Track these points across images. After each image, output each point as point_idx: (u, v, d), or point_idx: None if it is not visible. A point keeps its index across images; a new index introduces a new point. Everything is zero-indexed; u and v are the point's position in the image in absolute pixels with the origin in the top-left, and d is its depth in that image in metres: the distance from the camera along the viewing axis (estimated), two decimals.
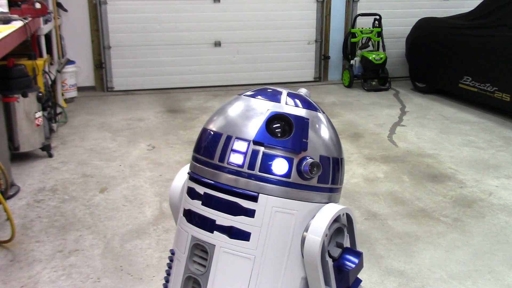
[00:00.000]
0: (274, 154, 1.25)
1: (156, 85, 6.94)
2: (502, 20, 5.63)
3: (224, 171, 1.26)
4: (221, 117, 1.33)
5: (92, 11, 6.58)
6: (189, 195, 1.34)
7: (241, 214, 1.26)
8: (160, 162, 4.25)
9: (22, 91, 3.99)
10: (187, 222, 1.33)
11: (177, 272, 1.35)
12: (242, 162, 1.25)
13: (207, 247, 1.29)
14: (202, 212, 1.29)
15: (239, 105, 1.34)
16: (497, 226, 3.20)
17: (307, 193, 1.29)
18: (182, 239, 1.34)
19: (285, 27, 7.20)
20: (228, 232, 1.26)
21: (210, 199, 1.28)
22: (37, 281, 2.60)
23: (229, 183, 1.26)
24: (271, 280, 1.29)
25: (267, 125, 1.27)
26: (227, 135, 1.28)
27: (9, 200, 3.44)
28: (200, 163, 1.32)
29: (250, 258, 1.27)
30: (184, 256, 1.33)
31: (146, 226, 3.17)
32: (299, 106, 1.34)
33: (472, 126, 5.33)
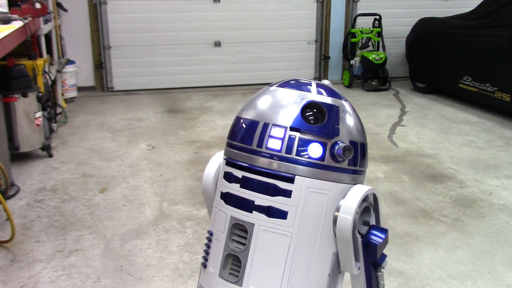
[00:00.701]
0: (309, 139, 1.37)
1: (156, 85, 6.94)
2: (502, 20, 5.63)
3: (262, 156, 1.38)
4: (255, 107, 1.47)
5: (92, 11, 6.58)
6: (226, 179, 1.44)
7: (278, 195, 1.37)
8: (160, 162, 4.26)
9: (22, 91, 3.99)
10: (226, 204, 1.44)
11: (216, 251, 1.46)
12: (279, 147, 1.36)
13: (247, 226, 1.40)
14: (241, 194, 1.40)
15: (272, 95, 1.47)
16: (497, 226, 3.20)
17: (338, 175, 1.41)
18: (221, 220, 1.46)
19: (285, 27, 7.20)
20: (266, 212, 1.37)
21: (249, 181, 1.39)
22: (37, 281, 2.60)
23: (268, 167, 1.37)
24: (306, 254, 1.41)
25: (302, 113, 1.39)
26: (264, 123, 1.40)
27: (9, 200, 3.44)
28: (237, 149, 1.43)
29: (287, 235, 1.39)
30: (223, 235, 1.44)
31: (146, 226, 3.17)
32: (327, 95, 1.47)
33: (472, 126, 5.33)
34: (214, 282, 1.46)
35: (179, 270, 2.70)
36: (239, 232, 1.42)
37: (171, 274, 2.66)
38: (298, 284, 1.41)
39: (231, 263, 1.44)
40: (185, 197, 3.60)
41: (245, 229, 1.40)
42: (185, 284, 2.58)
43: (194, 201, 3.53)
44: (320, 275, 1.44)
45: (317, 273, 1.43)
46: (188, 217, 3.30)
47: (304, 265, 1.42)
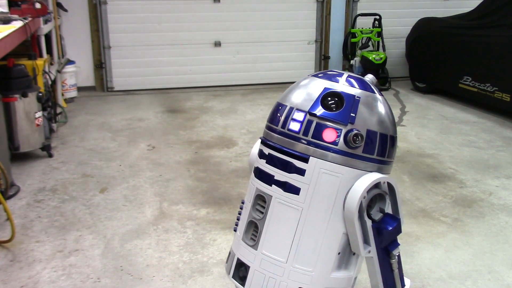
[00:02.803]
0: (325, 124, 1.50)
1: (156, 85, 6.94)
2: (502, 20, 5.63)
3: (283, 136, 1.54)
4: (289, 92, 1.63)
5: (92, 11, 6.58)
6: (259, 155, 1.64)
7: (294, 172, 1.52)
8: (160, 162, 4.25)
9: (22, 91, 3.99)
10: (255, 177, 1.64)
11: (243, 218, 1.67)
12: (298, 129, 1.52)
13: (266, 197, 1.57)
14: (265, 169, 1.58)
15: (304, 83, 1.62)
16: (497, 226, 3.20)
17: (352, 160, 1.52)
18: (250, 191, 1.65)
19: (285, 27, 7.20)
20: (283, 186, 1.54)
21: (272, 158, 1.56)
22: (37, 281, 2.60)
23: (286, 146, 1.53)
24: (315, 229, 1.54)
25: (323, 100, 1.52)
26: (289, 107, 1.56)
27: (9, 200, 3.44)
28: (267, 129, 1.62)
29: (298, 210, 1.53)
30: (249, 204, 1.64)
31: (146, 226, 3.17)
32: (355, 87, 1.58)
33: (472, 126, 5.33)
34: (238, 244, 1.66)
35: (179, 270, 2.70)
36: (260, 202, 1.61)
37: (171, 274, 2.66)
38: (305, 255, 1.55)
39: (252, 229, 1.63)
40: (185, 197, 3.60)
41: (265, 200, 1.58)
42: (185, 284, 2.58)
43: (194, 201, 3.53)
44: (329, 251, 1.57)
45: (325, 248, 1.55)
46: (188, 217, 3.30)
47: (312, 239, 1.54)
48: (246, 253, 1.62)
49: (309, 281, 1.55)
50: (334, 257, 1.58)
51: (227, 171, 4.06)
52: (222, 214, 3.33)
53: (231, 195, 3.63)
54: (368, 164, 1.55)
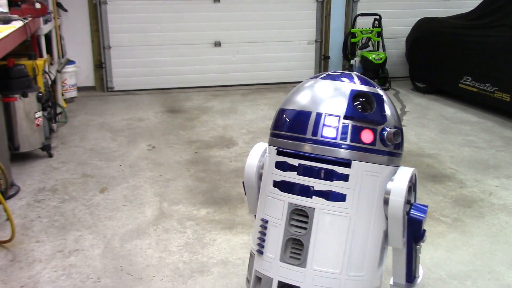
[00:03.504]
0: (361, 126, 1.48)
1: (156, 85, 6.94)
2: (502, 20, 5.63)
3: (318, 144, 1.48)
4: (303, 98, 1.56)
5: (92, 11, 6.58)
6: (279, 168, 1.54)
7: (336, 179, 1.48)
8: (160, 162, 4.25)
9: (22, 91, 3.99)
10: (282, 192, 1.54)
11: (274, 237, 1.55)
12: (335, 135, 1.47)
13: (308, 211, 1.49)
14: (299, 181, 1.50)
15: (318, 87, 1.57)
16: (497, 226, 3.20)
17: (387, 158, 1.53)
18: (277, 207, 1.55)
19: (285, 27, 7.20)
20: (326, 196, 1.48)
21: (306, 169, 1.49)
22: (37, 281, 2.60)
23: (325, 154, 1.48)
24: (363, 233, 1.51)
25: (354, 102, 1.51)
26: (316, 113, 1.50)
27: (9, 200, 3.44)
28: (289, 139, 1.53)
29: (346, 216, 1.49)
30: (282, 221, 1.53)
31: (146, 226, 3.17)
32: (372, 86, 1.59)
33: (472, 126, 5.33)
34: (274, 266, 1.53)
35: (179, 270, 2.70)
36: (299, 217, 1.52)
37: (171, 274, 2.66)
38: (356, 260, 1.51)
39: (291, 247, 1.53)
40: (185, 197, 3.60)
41: (306, 214, 1.50)
42: (185, 284, 2.58)
43: (194, 201, 3.53)
44: (375, 252, 1.56)
45: (371, 249, 1.55)
46: (188, 217, 3.30)
47: (361, 243, 1.52)
48: (291, 273, 1.51)
49: (362, 285, 1.53)
50: (378, 256, 1.58)
51: (227, 171, 4.06)
52: (222, 214, 3.33)
53: (231, 195, 3.63)
54: (398, 159, 1.59)
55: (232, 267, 2.73)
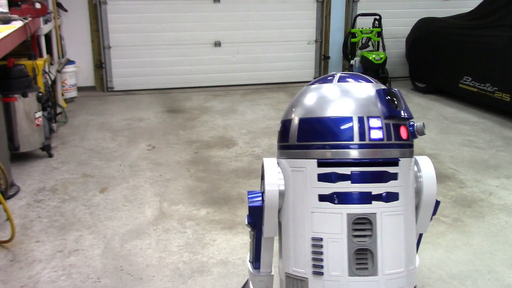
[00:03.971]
0: (398, 123, 1.50)
1: (156, 85, 6.94)
2: (502, 20, 5.63)
3: (368, 148, 1.46)
4: (331, 103, 1.50)
5: (92, 11, 6.58)
6: (326, 180, 1.47)
7: (390, 179, 1.47)
8: (160, 162, 4.25)
9: (22, 91, 3.99)
10: (336, 204, 1.47)
11: (336, 252, 1.47)
12: (382, 135, 1.46)
13: (370, 217, 1.46)
14: (356, 189, 1.45)
15: (341, 90, 1.53)
16: (497, 226, 3.20)
17: (412, 150, 1.58)
18: (333, 222, 1.47)
19: (285, 27, 7.20)
20: (385, 198, 1.46)
21: (361, 175, 1.45)
22: (37, 281, 2.60)
23: (377, 156, 1.46)
24: (412, 227, 1.54)
25: (388, 101, 1.52)
26: (358, 117, 1.46)
27: (9, 200, 3.44)
28: (333, 148, 1.47)
29: (402, 214, 1.50)
30: (342, 235, 1.46)
31: (146, 226, 3.17)
32: (380, 83, 1.59)
33: (472, 126, 5.33)
34: (344, 283, 1.46)
35: (179, 270, 2.70)
36: (361, 226, 1.46)
37: (171, 274, 2.66)
38: (411, 253, 1.54)
39: (355, 258, 1.47)
40: (185, 197, 3.60)
41: (368, 221, 1.46)
42: (185, 284, 2.58)
43: (194, 201, 3.53)
44: (414, 241, 1.59)
45: (413, 239, 1.58)
46: (188, 217, 3.30)
47: (412, 236, 1.55)
48: (364, 285, 1.47)
49: (415, 276, 1.57)
50: (415, 243, 1.62)
51: (227, 171, 4.06)
52: (222, 214, 3.33)
53: (231, 195, 3.63)
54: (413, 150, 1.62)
55: (232, 267, 2.73)
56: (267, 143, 4.73)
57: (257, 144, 4.70)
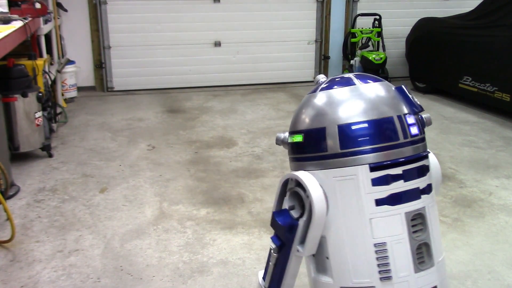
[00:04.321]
0: (420, 117, 1.57)
1: (156, 85, 6.94)
2: (502, 20, 5.63)
3: (411, 144, 1.50)
4: (364, 106, 1.49)
5: (92, 11, 6.58)
6: (381, 183, 1.46)
7: (427, 172, 1.53)
8: (160, 162, 4.25)
9: (22, 91, 3.99)
10: (393, 206, 1.47)
11: (401, 253, 1.48)
12: (418, 131, 1.53)
13: (422, 211, 1.50)
14: (408, 187, 1.47)
15: (367, 91, 1.53)
16: (497, 226, 3.20)
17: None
18: (394, 223, 1.48)
19: (285, 27, 7.20)
20: (428, 190, 1.52)
21: (410, 172, 1.48)
22: (37, 281, 2.60)
23: (418, 151, 1.52)
24: (437, 214, 1.59)
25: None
26: (397, 115, 1.49)
27: (9, 200, 3.44)
28: (381, 150, 1.46)
29: (435, 204, 1.55)
30: (404, 234, 1.48)
31: (146, 226, 3.17)
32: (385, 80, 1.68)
33: (472, 126, 5.33)
34: (412, 281, 1.49)
35: (179, 270, 2.70)
36: (417, 222, 1.50)
37: (171, 274, 2.66)
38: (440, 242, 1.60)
39: (419, 252, 1.51)
40: (185, 197, 3.60)
41: (421, 215, 1.50)
42: (185, 284, 2.58)
43: (194, 201, 3.53)
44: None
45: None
46: (188, 217, 3.30)
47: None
48: (428, 279, 1.51)
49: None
50: None
51: (227, 171, 4.06)
52: (222, 214, 3.33)
53: (231, 195, 3.63)
54: None
55: (232, 267, 2.73)
56: (267, 143, 4.73)
57: (257, 144, 4.70)
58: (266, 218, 3.27)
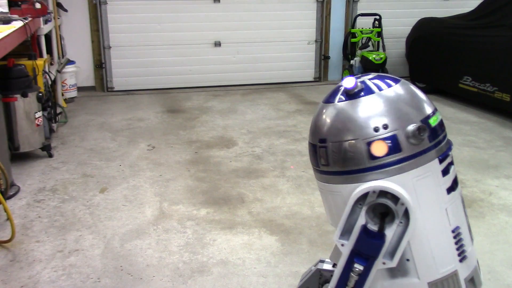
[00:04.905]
0: None
1: (156, 85, 6.94)
2: (502, 20, 5.63)
3: (445, 137, 1.58)
4: (419, 104, 1.56)
5: (92, 11, 6.58)
6: (446, 173, 1.54)
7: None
8: (160, 162, 4.25)
9: (22, 91, 3.99)
10: (456, 190, 1.57)
11: (465, 229, 1.63)
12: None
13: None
14: (454, 173, 1.58)
15: (406, 89, 1.60)
16: (497, 226, 3.20)
17: None
18: (459, 208, 1.59)
19: (285, 27, 7.20)
20: (456, 177, 1.60)
21: (450, 163, 1.57)
22: (37, 281, 2.60)
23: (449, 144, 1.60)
24: None
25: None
26: (432, 111, 1.55)
27: (9, 200, 3.44)
28: (439, 144, 1.55)
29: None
30: (463, 215, 1.62)
31: (146, 226, 3.17)
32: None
33: (472, 126, 5.33)
34: (472, 254, 1.65)
35: (179, 270, 2.70)
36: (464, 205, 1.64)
37: (171, 274, 2.66)
38: None
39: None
40: (185, 197, 3.60)
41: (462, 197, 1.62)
42: (185, 284, 2.58)
43: (194, 201, 3.53)
44: None
45: None
46: (188, 217, 3.30)
47: None
48: (474, 250, 1.67)
49: None
50: None
51: (227, 171, 4.06)
52: (222, 214, 3.33)
53: (231, 195, 3.63)
54: None
55: (232, 267, 2.73)
56: (267, 143, 4.73)
57: (257, 144, 4.70)
58: (266, 218, 3.28)
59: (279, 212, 3.37)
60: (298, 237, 3.04)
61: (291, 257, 2.83)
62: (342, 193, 1.50)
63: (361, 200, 1.47)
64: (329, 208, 1.59)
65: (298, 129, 5.15)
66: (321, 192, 1.61)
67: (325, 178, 1.53)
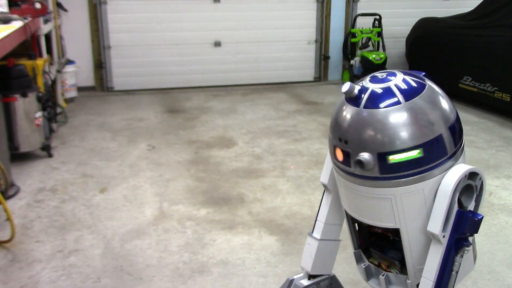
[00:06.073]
0: None
1: (156, 85, 6.94)
2: (502, 20, 5.63)
3: None
4: (447, 100, 1.81)
5: (92, 11, 6.58)
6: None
7: None
8: (160, 162, 4.25)
9: (22, 91, 3.99)
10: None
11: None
12: None
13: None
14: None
15: (435, 89, 1.80)
16: (497, 226, 3.20)
17: None
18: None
19: (285, 27, 7.20)
20: None
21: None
22: (37, 281, 2.60)
23: None
24: None
25: None
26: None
27: (9, 200, 3.44)
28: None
29: None
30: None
31: (146, 226, 3.17)
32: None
33: (472, 126, 5.33)
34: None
35: (179, 270, 2.70)
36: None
37: (171, 274, 2.66)
38: None
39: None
40: (185, 197, 3.60)
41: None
42: (185, 284, 2.58)
43: (194, 201, 3.53)
44: None
45: None
46: (188, 217, 3.30)
47: None
48: None
49: None
50: None
51: (227, 171, 4.06)
52: (222, 214, 3.33)
53: (231, 195, 3.63)
54: None
55: (232, 267, 2.73)
56: (267, 143, 4.73)
57: (257, 144, 4.70)
58: (266, 218, 3.28)
59: (279, 212, 3.37)
60: (298, 237, 3.04)
61: (291, 257, 2.83)
62: (424, 189, 1.58)
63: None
64: (388, 213, 1.60)
65: (298, 129, 5.15)
66: (379, 201, 1.60)
67: (399, 182, 1.55)
